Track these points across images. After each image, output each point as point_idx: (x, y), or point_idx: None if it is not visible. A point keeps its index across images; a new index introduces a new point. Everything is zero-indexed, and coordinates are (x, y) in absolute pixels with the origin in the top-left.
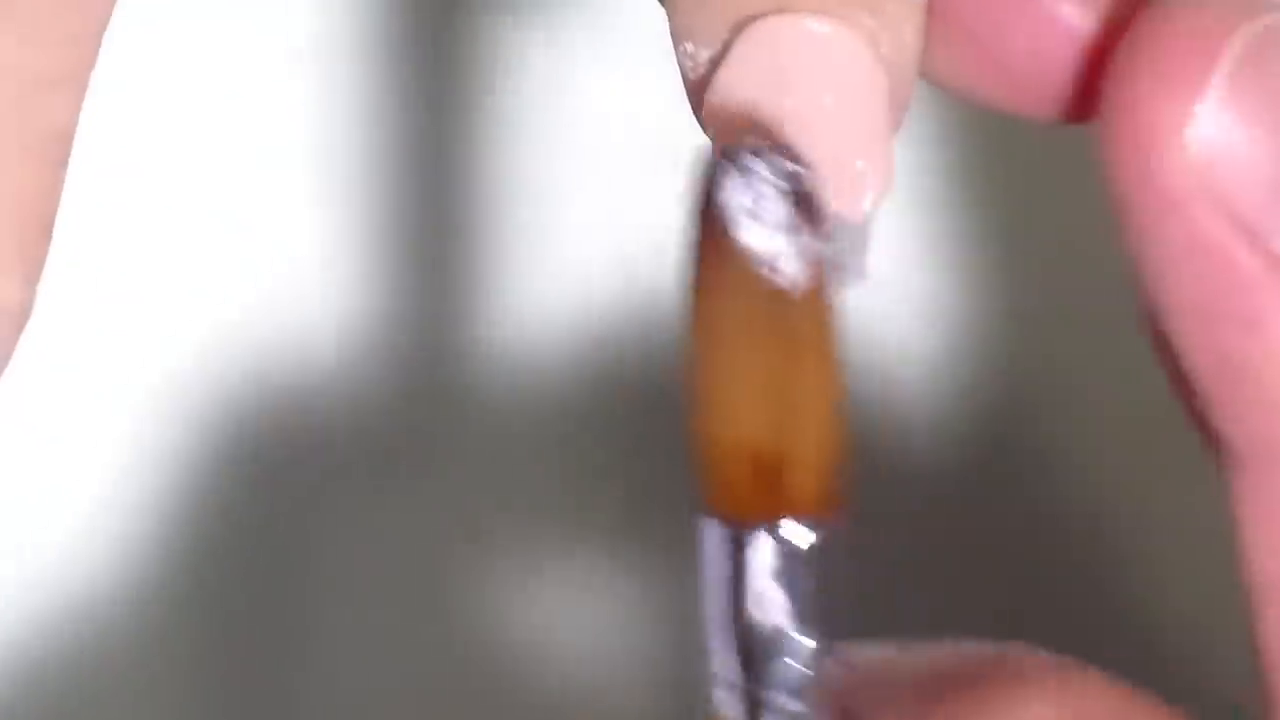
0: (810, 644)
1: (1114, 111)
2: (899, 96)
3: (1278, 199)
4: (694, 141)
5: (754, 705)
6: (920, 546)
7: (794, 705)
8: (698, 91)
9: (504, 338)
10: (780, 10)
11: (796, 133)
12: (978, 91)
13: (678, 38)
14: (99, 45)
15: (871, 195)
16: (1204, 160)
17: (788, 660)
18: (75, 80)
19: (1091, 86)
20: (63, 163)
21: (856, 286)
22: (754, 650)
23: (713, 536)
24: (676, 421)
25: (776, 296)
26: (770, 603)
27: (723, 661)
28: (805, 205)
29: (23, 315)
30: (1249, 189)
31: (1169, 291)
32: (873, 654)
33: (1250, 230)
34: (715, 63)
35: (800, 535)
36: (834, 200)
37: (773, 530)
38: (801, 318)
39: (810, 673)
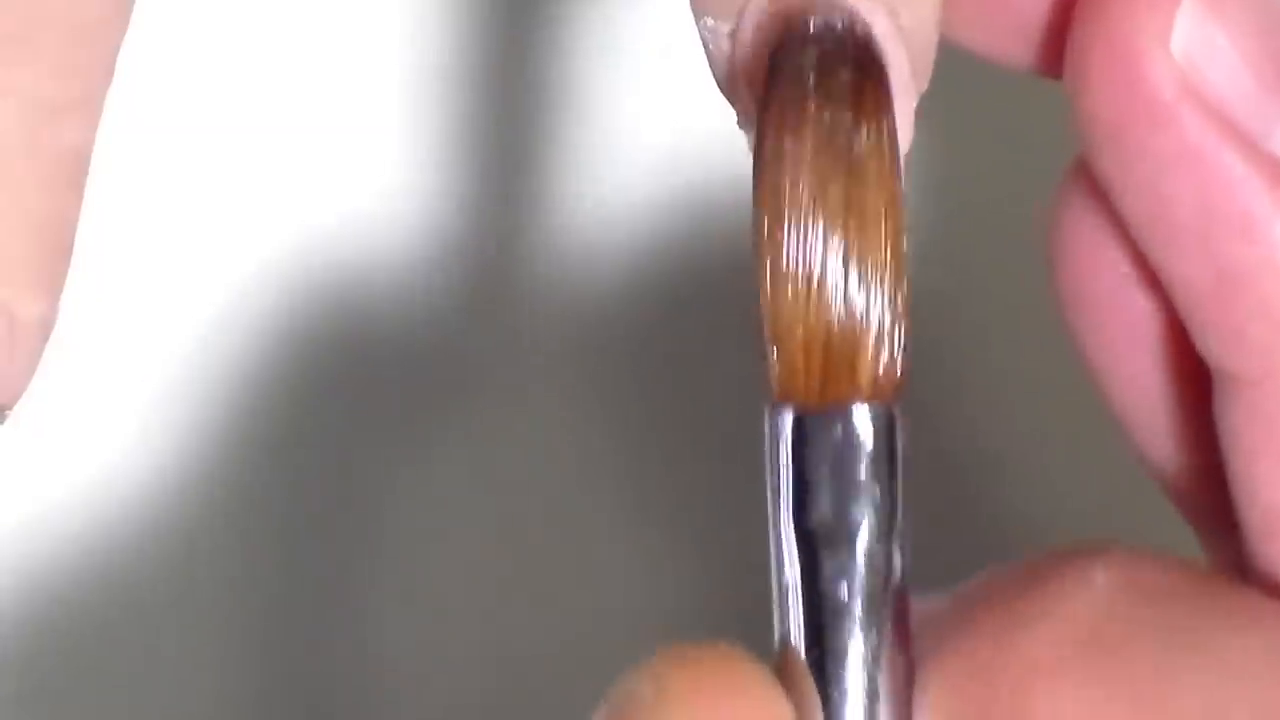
0: (880, 533)
1: (1092, 33)
2: (919, 66)
3: (1265, 99)
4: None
5: (818, 602)
6: None
7: (862, 599)
8: (720, 65)
9: (564, 250)
10: None
11: None
12: (995, 49)
13: (698, 13)
14: (112, 69)
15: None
16: (1189, 67)
17: (857, 551)
18: (90, 104)
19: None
20: (80, 182)
21: None
22: (820, 543)
23: (780, 425)
24: (734, 340)
25: (847, 168)
26: (838, 490)
27: (788, 558)
28: (871, 72)
29: (47, 328)
30: (1236, 91)
31: (1160, 208)
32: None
33: (1241, 133)
34: (734, 37)
35: (869, 420)
36: None
37: (842, 415)
38: (871, 192)
39: (880, 561)
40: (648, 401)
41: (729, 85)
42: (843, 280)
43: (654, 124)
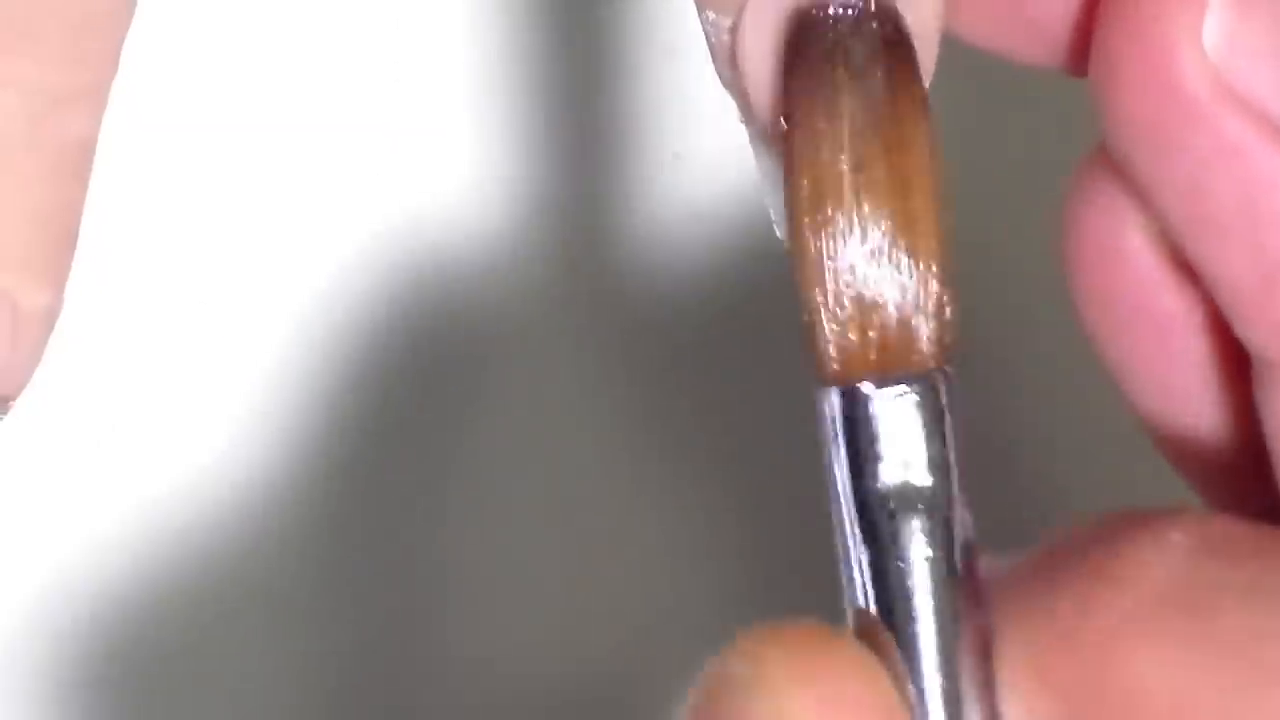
0: (945, 497)
1: (1122, 33)
2: (922, 64)
3: None
4: None
5: (891, 572)
6: None
7: (932, 565)
8: (722, 59)
9: (649, 232)
10: None
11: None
12: (1002, 44)
13: (700, 6)
14: (117, 60)
15: None
16: (1223, 64)
17: (926, 518)
18: (95, 94)
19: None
20: (85, 173)
21: None
22: (889, 514)
23: (836, 403)
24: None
25: (882, 135)
26: (899, 460)
27: (857, 533)
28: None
29: (51, 318)
30: (1268, 83)
31: (1200, 204)
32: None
33: (1276, 124)
34: (735, 31)
35: (925, 388)
36: None
37: (897, 386)
38: (912, 160)
39: (949, 524)
40: (721, 395)
41: (730, 79)
42: (890, 252)
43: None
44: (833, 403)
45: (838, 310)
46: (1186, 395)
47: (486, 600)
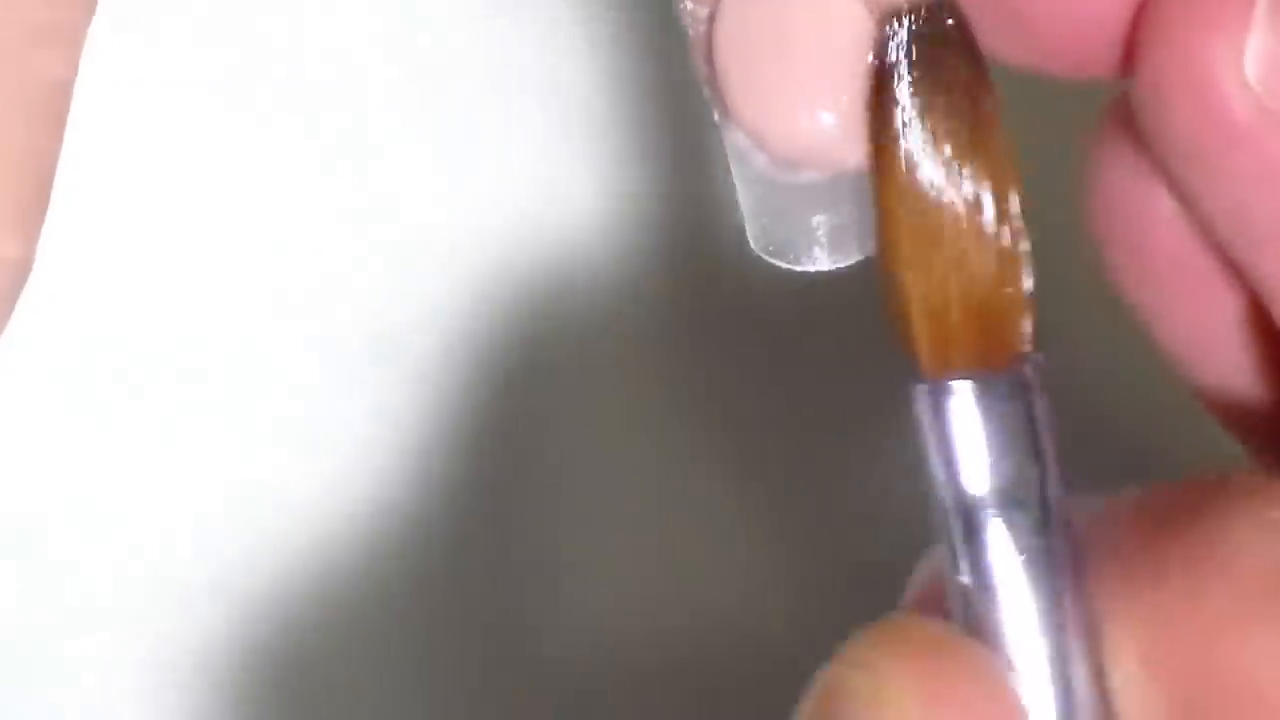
0: (1049, 486)
1: (1161, 59)
2: None
3: None
4: None
5: (980, 566)
6: None
7: (1021, 560)
8: (699, 50)
9: None
10: None
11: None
12: (1007, 53)
13: None
14: (94, 2)
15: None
16: (1264, 86)
17: (1033, 509)
18: (71, 33)
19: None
20: (61, 118)
21: (855, 259)
22: (995, 508)
23: (924, 401)
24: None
25: (962, 144)
26: (987, 454)
27: (952, 524)
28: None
29: (22, 271)
30: None
31: (1247, 218)
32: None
33: None
34: (712, 21)
35: (1020, 380)
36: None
37: (998, 380)
38: (994, 157)
39: (1054, 514)
40: (809, 394)
41: (706, 70)
42: (982, 253)
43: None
44: (931, 398)
45: (937, 308)
46: (1224, 349)
47: (587, 596)
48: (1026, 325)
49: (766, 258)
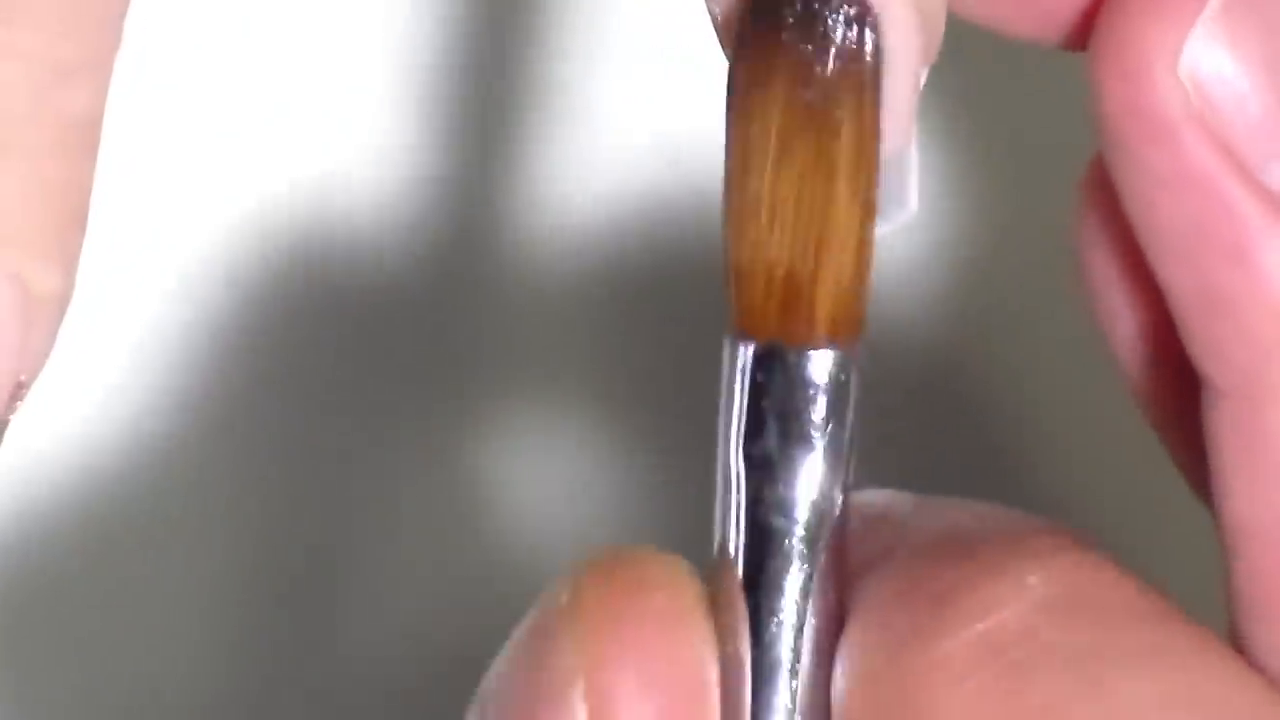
0: (824, 472)
1: (1105, 39)
2: (929, 37)
3: (1268, 131)
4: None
5: (761, 530)
6: None
7: (800, 532)
8: (725, 29)
9: (539, 225)
10: None
11: None
12: (994, 19)
13: None
14: (121, 33)
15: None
16: (1195, 88)
17: (799, 487)
18: (99, 68)
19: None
20: (93, 149)
21: (902, 220)
22: (766, 472)
23: (736, 357)
24: (704, 308)
25: (815, 117)
26: (789, 423)
27: (735, 484)
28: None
29: (64, 302)
30: (1240, 119)
31: (1155, 221)
32: (878, 499)
33: (1240, 161)
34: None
35: (824, 360)
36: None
37: (796, 351)
38: (838, 142)
39: (822, 496)
40: (632, 393)
41: (726, 37)
42: (805, 225)
43: (643, 121)
44: (733, 352)
45: (751, 269)
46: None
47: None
48: (845, 312)
49: None
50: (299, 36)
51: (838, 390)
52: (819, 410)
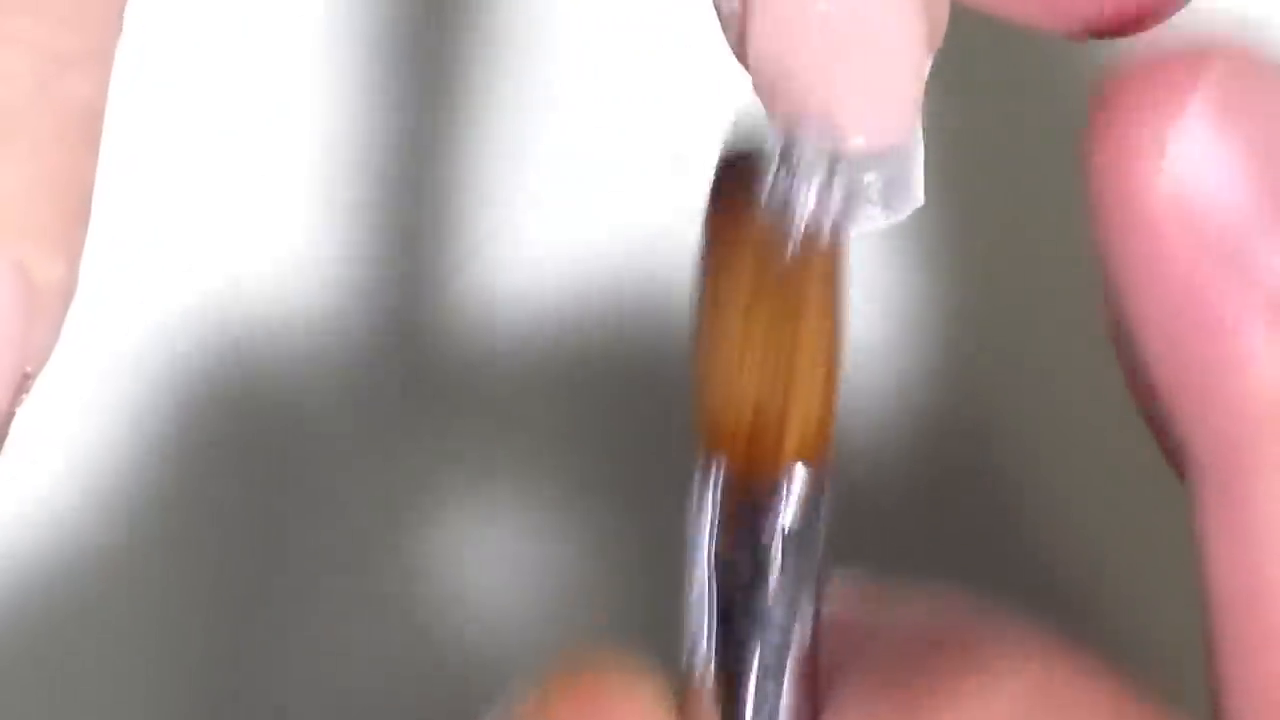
0: (793, 595)
1: (1096, 122)
2: (934, 20)
3: (1257, 224)
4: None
5: (729, 655)
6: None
7: (769, 654)
8: (732, 29)
9: (483, 314)
10: None
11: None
12: (998, 5)
13: None
14: (121, 21)
15: (905, 122)
16: (1179, 185)
17: (769, 612)
18: (100, 57)
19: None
20: (95, 141)
21: (910, 210)
22: (736, 599)
23: (706, 486)
24: (657, 397)
25: (786, 267)
26: (758, 544)
27: (703, 611)
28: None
29: (69, 295)
30: (1227, 212)
31: (1136, 303)
32: (847, 598)
33: (1220, 257)
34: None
35: (790, 489)
36: (873, 133)
37: (767, 482)
38: (808, 284)
39: (789, 617)
40: (605, 425)
41: (739, 49)
42: (777, 366)
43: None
44: (705, 467)
45: (719, 399)
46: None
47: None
48: (809, 439)
49: None
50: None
51: (808, 517)
52: (787, 535)
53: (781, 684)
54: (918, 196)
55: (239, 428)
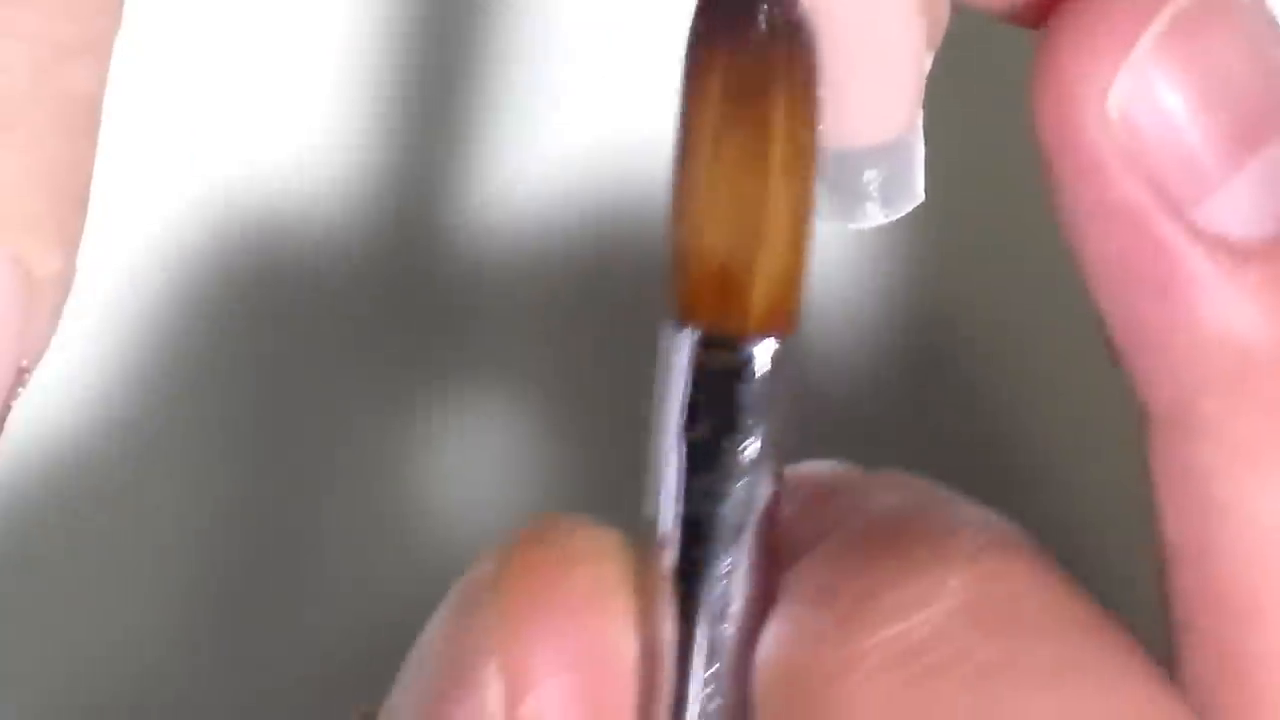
0: (757, 456)
1: (1041, 70)
2: (934, 16)
3: (1197, 169)
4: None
5: (692, 515)
6: None
7: (730, 519)
8: None
9: (491, 219)
10: None
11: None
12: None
13: None
14: (120, 13)
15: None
16: (1125, 123)
17: (733, 471)
18: (99, 47)
19: None
20: (93, 130)
21: (910, 207)
22: (699, 458)
23: (674, 344)
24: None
25: (757, 116)
26: (723, 410)
27: (667, 470)
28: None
29: (66, 285)
30: (1169, 156)
31: (1087, 252)
32: (821, 474)
33: (1169, 197)
34: None
35: (760, 348)
36: (873, 129)
37: (734, 341)
38: (778, 138)
39: (752, 485)
40: (583, 382)
41: None
42: (740, 219)
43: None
44: (669, 339)
45: (689, 259)
46: None
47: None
48: (781, 305)
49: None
50: (254, 31)
51: (773, 380)
52: (754, 399)
53: (742, 553)
54: (918, 193)
55: (248, 313)
